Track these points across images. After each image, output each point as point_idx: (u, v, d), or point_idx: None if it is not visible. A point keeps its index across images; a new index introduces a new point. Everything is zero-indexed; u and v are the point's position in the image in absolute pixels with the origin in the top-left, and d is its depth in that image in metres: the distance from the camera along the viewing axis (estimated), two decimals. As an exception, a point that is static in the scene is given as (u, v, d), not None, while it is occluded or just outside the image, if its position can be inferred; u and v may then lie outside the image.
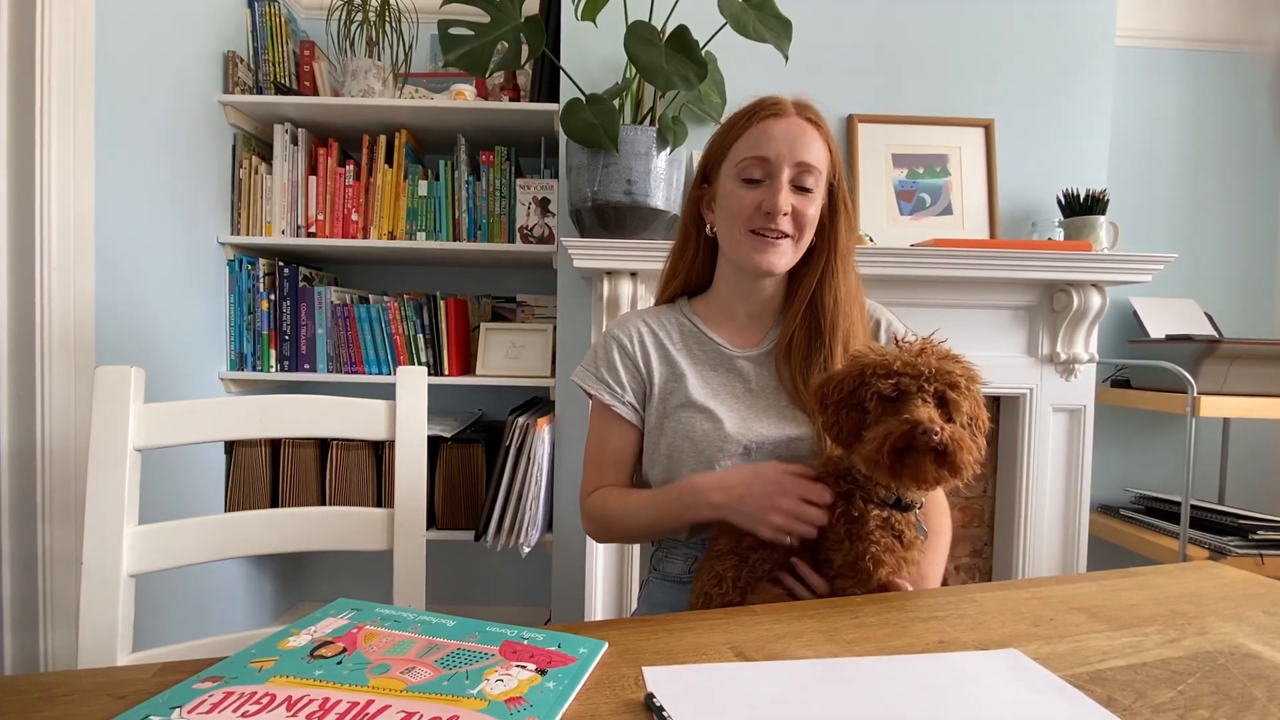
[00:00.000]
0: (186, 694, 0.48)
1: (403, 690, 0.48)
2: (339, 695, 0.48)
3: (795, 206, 0.84)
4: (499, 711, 0.46)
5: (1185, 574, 0.76)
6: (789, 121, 0.84)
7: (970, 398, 0.69)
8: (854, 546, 0.71)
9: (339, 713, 0.46)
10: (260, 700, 0.47)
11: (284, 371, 1.77)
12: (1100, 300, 1.59)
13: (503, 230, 1.81)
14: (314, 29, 1.97)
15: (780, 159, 0.83)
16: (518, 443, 1.61)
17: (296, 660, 0.52)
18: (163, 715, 0.45)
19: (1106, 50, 1.73)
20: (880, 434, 0.67)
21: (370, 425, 0.89)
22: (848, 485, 0.73)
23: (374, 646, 0.55)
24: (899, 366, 0.68)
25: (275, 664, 0.52)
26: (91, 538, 0.77)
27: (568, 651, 0.54)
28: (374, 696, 0.47)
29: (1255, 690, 0.51)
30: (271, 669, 0.51)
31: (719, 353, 0.92)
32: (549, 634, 0.57)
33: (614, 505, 0.88)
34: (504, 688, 0.49)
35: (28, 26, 1.16)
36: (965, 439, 0.66)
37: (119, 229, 1.38)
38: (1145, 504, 2.00)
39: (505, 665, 0.52)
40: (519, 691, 0.48)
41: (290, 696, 0.47)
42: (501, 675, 0.50)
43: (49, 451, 1.20)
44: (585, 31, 1.56)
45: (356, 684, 0.49)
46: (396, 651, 0.54)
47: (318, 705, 0.46)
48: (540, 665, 0.52)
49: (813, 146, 0.84)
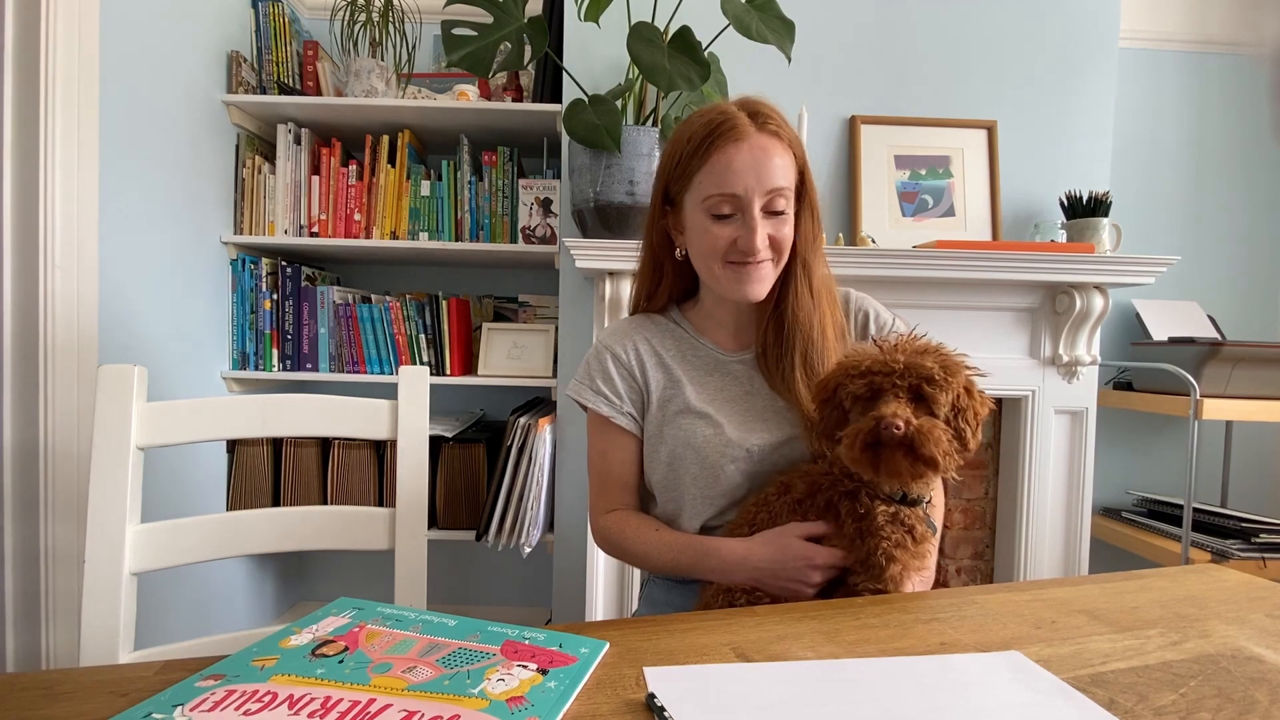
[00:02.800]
0: (189, 692, 0.48)
1: (404, 689, 0.48)
2: (340, 694, 0.48)
3: (771, 234, 0.82)
4: (500, 711, 0.46)
5: (1187, 577, 0.76)
6: (750, 145, 0.79)
7: (949, 390, 0.68)
8: (865, 543, 0.72)
9: (340, 711, 0.46)
10: (262, 699, 0.47)
11: (286, 371, 1.78)
12: (1103, 302, 1.59)
13: (505, 230, 1.81)
14: (317, 29, 1.97)
15: (750, 193, 0.79)
16: (519, 443, 1.61)
17: (298, 659, 0.53)
18: (165, 713, 0.46)
19: (1109, 52, 1.73)
20: (851, 432, 0.69)
21: (372, 425, 0.90)
22: (853, 483, 0.74)
23: (375, 645, 0.55)
24: (869, 365, 0.70)
25: (277, 662, 0.52)
26: (94, 536, 0.77)
27: (569, 651, 0.54)
28: (375, 695, 0.47)
29: (1257, 693, 0.51)
30: (273, 667, 0.51)
31: (713, 357, 0.91)
32: (550, 634, 0.57)
33: (630, 537, 0.87)
34: (505, 687, 0.49)
35: (33, 26, 1.16)
36: (935, 430, 0.66)
37: (122, 228, 1.38)
38: (1147, 507, 1.99)
39: (507, 665, 0.52)
40: (520, 691, 0.48)
41: (292, 695, 0.47)
42: (503, 675, 0.50)
43: (52, 450, 1.20)
44: (588, 32, 1.57)
45: (358, 683, 0.49)
46: (398, 651, 0.54)
47: (319, 704, 0.46)
48: (541, 665, 0.52)
49: (778, 166, 0.80)
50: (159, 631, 1.50)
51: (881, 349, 0.71)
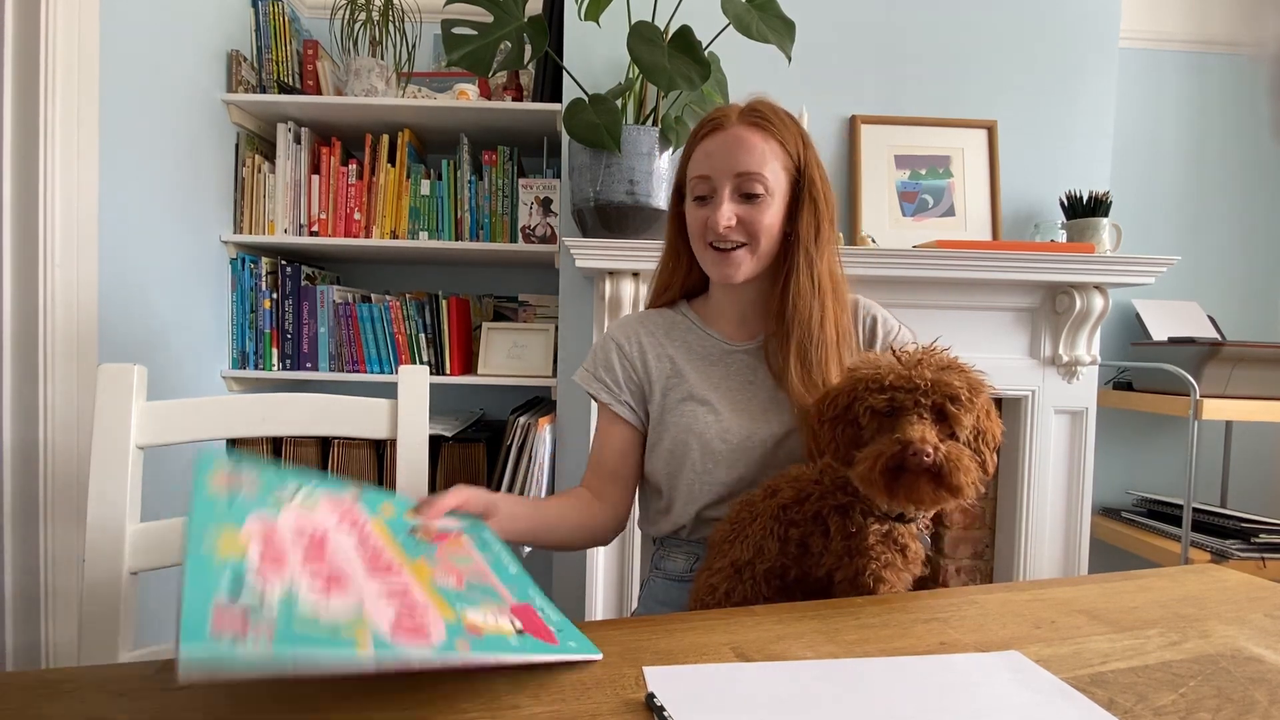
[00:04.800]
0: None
1: (429, 581, 0.53)
2: (389, 551, 0.55)
3: (742, 216, 0.84)
4: (456, 630, 0.48)
5: (1187, 577, 0.76)
6: (727, 134, 0.84)
7: (974, 411, 0.65)
8: (853, 562, 0.69)
9: (374, 550, 0.54)
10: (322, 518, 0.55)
11: (286, 370, 1.78)
12: (1103, 302, 1.59)
13: (505, 230, 1.81)
14: (317, 28, 1.97)
15: (718, 174, 0.84)
16: (519, 442, 1.61)
17: (402, 529, 0.61)
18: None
19: (1110, 52, 1.73)
20: (872, 454, 0.64)
21: (372, 424, 0.90)
22: (846, 498, 0.70)
23: (452, 552, 0.61)
24: (893, 380, 0.65)
25: (389, 519, 0.61)
26: (94, 535, 0.77)
27: (560, 637, 0.55)
28: (405, 568, 0.54)
29: (1257, 694, 0.51)
30: (385, 521, 0.60)
31: (719, 347, 0.92)
32: (564, 620, 0.59)
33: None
34: (479, 620, 0.51)
35: (33, 25, 1.16)
36: (964, 458, 0.63)
37: (122, 227, 1.38)
38: (1147, 507, 1.99)
39: (502, 611, 0.54)
40: (484, 629, 0.50)
41: (353, 520, 0.57)
42: (493, 615, 0.52)
43: (51, 449, 1.20)
44: (588, 31, 1.56)
45: (409, 554, 0.56)
46: (459, 562, 0.60)
47: (357, 538, 0.55)
48: (524, 628, 0.53)
49: (752, 154, 0.83)
50: (159, 631, 1.50)
51: (901, 361, 0.67)
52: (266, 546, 0.48)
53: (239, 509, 0.52)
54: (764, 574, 0.73)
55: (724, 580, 0.75)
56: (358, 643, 0.42)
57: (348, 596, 0.46)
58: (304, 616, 0.42)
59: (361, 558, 0.53)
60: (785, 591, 0.74)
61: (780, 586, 0.74)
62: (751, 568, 0.74)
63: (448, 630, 0.47)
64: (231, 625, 0.39)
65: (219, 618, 0.39)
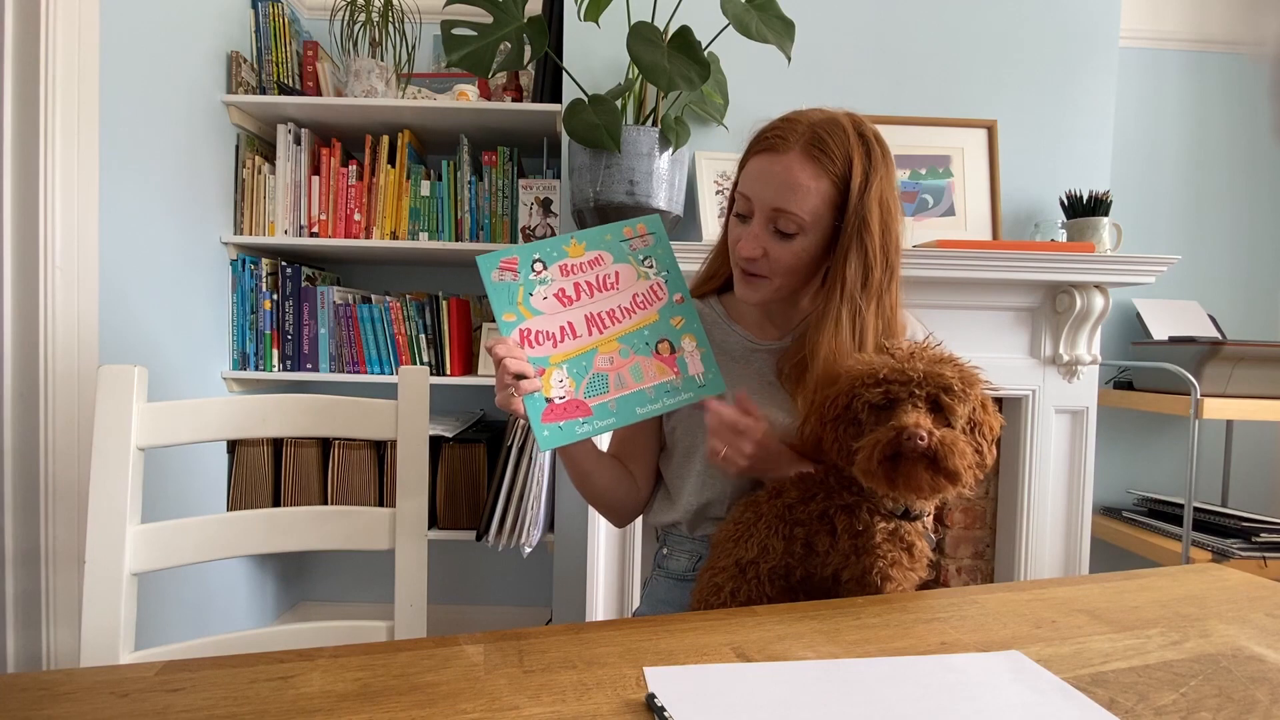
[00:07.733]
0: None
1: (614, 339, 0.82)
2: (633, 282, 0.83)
3: (770, 251, 0.80)
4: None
5: (1188, 576, 0.76)
6: (783, 160, 0.78)
7: (968, 401, 0.67)
8: (860, 560, 0.70)
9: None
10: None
11: (286, 371, 1.78)
12: (1103, 302, 1.59)
13: (505, 230, 1.81)
14: (317, 29, 1.97)
15: (758, 201, 0.80)
16: (519, 443, 1.61)
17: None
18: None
19: (1110, 51, 1.73)
20: (869, 443, 0.65)
21: (372, 425, 0.90)
22: (852, 497, 0.71)
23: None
24: (886, 373, 0.67)
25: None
26: (94, 536, 0.77)
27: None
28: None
29: (1258, 693, 0.51)
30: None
31: (743, 344, 0.92)
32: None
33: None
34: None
35: (32, 26, 1.16)
36: (958, 443, 0.64)
37: (122, 228, 1.38)
38: (1148, 506, 1.99)
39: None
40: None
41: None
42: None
43: (52, 450, 1.20)
44: (588, 32, 1.56)
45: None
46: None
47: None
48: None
49: (795, 193, 0.77)
50: (159, 631, 1.50)
51: (895, 356, 0.69)
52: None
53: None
54: (768, 573, 0.74)
55: (728, 579, 0.75)
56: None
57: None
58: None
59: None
60: (789, 591, 0.75)
61: (784, 586, 0.75)
62: (756, 567, 0.74)
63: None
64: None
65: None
